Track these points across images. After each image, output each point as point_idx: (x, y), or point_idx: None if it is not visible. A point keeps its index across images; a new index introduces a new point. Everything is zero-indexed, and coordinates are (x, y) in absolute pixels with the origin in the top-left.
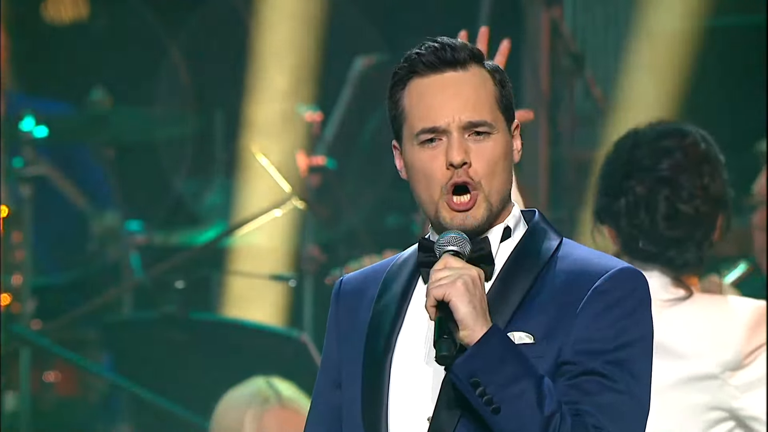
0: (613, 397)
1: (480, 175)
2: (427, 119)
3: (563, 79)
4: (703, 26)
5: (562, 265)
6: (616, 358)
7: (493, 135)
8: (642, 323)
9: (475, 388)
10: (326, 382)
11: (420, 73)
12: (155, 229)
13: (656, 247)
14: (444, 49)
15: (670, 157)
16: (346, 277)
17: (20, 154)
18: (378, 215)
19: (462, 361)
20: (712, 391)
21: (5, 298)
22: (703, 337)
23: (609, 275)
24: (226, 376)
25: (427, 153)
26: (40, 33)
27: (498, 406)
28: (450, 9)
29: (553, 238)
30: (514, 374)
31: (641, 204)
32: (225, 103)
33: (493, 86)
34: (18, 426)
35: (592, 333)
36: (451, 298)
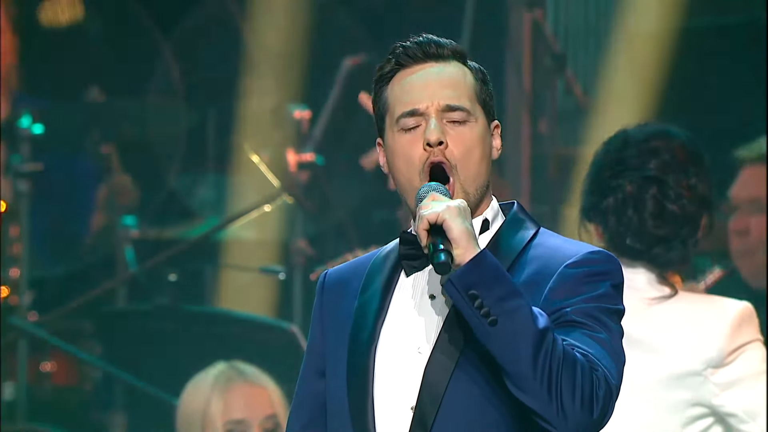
0: (592, 335)
1: (456, 158)
2: (407, 103)
3: (545, 78)
4: (678, 28)
5: (536, 251)
6: (587, 311)
7: (469, 123)
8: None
9: (473, 300)
10: (310, 370)
11: (404, 65)
12: (149, 223)
13: (643, 244)
14: (428, 43)
15: (658, 158)
16: (331, 270)
17: (18, 151)
18: (364, 210)
19: (460, 273)
20: (694, 388)
21: (3, 290)
22: (688, 335)
23: (582, 255)
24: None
25: (407, 137)
26: (38, 34)
27: (495, 318)
28: (435, 11)
29: (530, 228)
30: (510, 291)
31: (629, 202)
32: (217, 101)
33: (473, 80)
34: (15, 414)
35: (564, 295)
36: (445, 218)
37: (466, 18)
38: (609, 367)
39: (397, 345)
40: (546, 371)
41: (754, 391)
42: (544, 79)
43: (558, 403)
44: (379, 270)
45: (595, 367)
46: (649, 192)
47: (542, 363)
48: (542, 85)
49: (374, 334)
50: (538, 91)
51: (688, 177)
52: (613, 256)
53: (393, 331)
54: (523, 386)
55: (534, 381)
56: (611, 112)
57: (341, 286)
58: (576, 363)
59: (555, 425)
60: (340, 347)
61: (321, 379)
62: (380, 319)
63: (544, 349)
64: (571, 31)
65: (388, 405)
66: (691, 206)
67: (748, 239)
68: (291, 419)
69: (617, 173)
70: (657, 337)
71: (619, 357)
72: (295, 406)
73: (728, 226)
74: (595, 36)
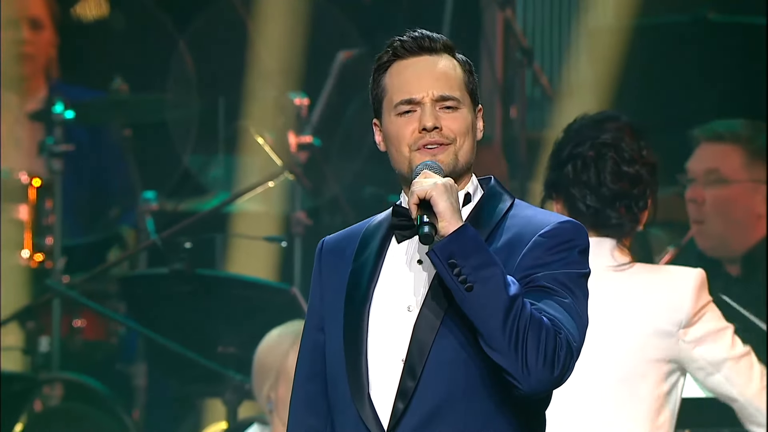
0: (558, 300)
1: (450, 137)
2: (405, 92)
3: (515, 70)
4: (633, 25)
5: (512, 221)
6: (555, 277)
7: (459, 109)
8: (579, 262)
9: (452, 268)
10: (311, 326)
11: (401, 56)
12: (166, 197)
13: (600, 203)
14: (423, 37)
15: (612, 131)
16: (327, 237)
17: (52, 134)
18: (356, 186)
19: (442, 244)
20: (668, 347)
21: (39, 256)
22: (657, 300)
23: (552, 225)
24: (227, 322)
25: (403, 120)
26: (69, 30)
27: (471, 284)
28: (418, 11)
29: (506, 200)
30: (485, 261)
31: (590, 164)
32: (226, 90)
33: (461, 72)
34: (50, 364)
35: (535, 261)
36: (432, 194)
37: (445, 16)
38: (572, 330)
39: (388, 304)
40: (514, 333)
41: (717, 345)
42: (515, 70)
43: (523, 361)
44: (371, 237)
45: (558, 330)
46: (608, 154)
47: (511, 325)
48: (513, 75)
49: (368, 295)
50: (509, 81)
51: (639, 146)
52: (580, 225)
53: (385, 291)
54: (493, 345)
55: (503, 341)
56: (574, 99)
57: (337, 252)
58: (541, 326)
59: (520, 381)
60: (337, 306)
61: (320, 333)
62: (373, 281)
63: (513, 313)
64: (538, 28)
65: (381, 357)
66: (642, 170)
67: (704, 208)
68: (298, 368)
69: (577, 144)
70: (628, 301)
71: (581, 320)
72: (300, 357)
73: (685, 195)
74: (559, 32)
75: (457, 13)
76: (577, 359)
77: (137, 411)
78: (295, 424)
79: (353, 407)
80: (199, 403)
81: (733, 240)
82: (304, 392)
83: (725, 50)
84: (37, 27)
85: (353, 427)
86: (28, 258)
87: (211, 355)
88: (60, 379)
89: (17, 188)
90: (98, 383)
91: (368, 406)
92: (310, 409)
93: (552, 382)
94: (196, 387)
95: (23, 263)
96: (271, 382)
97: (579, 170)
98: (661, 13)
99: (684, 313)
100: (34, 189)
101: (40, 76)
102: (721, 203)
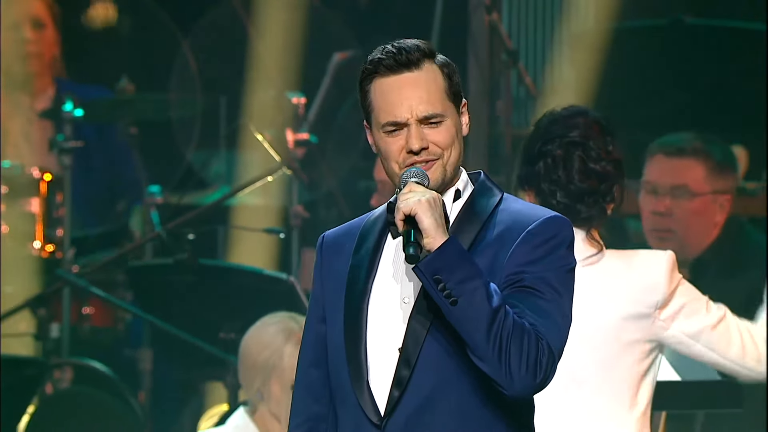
0: (542, 303)
1: (440, 150)
2: (390, 114)
3: (501, 70)
4: (612, 28)
5: (502, 216)
6: (542, 277)
7: (444, 122)
8: (565, 257)
9: (437, 284)
10: (313, 317)
11: (381, 73)
12: (171, 191)
13: (569, 199)
14: (400, 53)
15: (580, 129)
16: (327, 232)
17: (62, 131)
18: (350, 181)
19: (426, 261)
20: (646, 328)
21: (50, 247)
22: (632, 283)
23: (540, 220)
24: (228, 310)
25: (391, 139)
26: (79, 33)
27: (456, 298)
28: (410, 14)
29: (496, 195)
30: (469, 274)
31: (559, 163)
32: (227, 89)
33: (442, 80)
34: (61, 349)
35: (524, 259)
36: (417, 211)
37: (435, 21)
38: (554, 334)
39: (386, 297)
40: (497, 342)
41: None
42: (500, 70)
43: (507, 368)
44: (369, 233)
45: (540, 336)
46: (576, 153)
47: (494, 335)
48: (498, 75)
49: (366, 288)
50: (495, 81)
51: (606, 143)
52: (566, 219)
53: (382, 285)
54: (479, 354)
55: (487, 350)
56: (556, 99)
57: (337, 247)
58: (524, 334)
59: (504, 386)
60: (337, 298)
61: (322, 324)
62: (371, 275)
63: (496, 323)
64: (523, 31)
65: (379, 347)
66: (608, 167)
67: (670, 220)
68: (301, 356)
69: (546, 141)
70: (602, 288)
71: (565, 318)
72: (303, 345)
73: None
74: (543, 35)
75: (446, 17)
76: (560, 360)
77: (143, 394)
78: (298, 410)
79: (353, 395)
80: (202, 387)
81: (690, 247)
82: (307, 379)
83: (701, 52)
84: (39, 26)
85: (353, 413)
86: (39, 249)
87: (213, 341)
88: (70, 364)
89: (29, 182)
90: (106, 367)
91: (367, 393)
92: (312, 395)
93: (535, 387)
94: (199, 371)
95: (35, 254)
96: (262, 378)
97: (549, 168)
98: (640, 16)
99: (659, 294)
100: (45, 183)
101: (47, 75)
102: (688, 215)
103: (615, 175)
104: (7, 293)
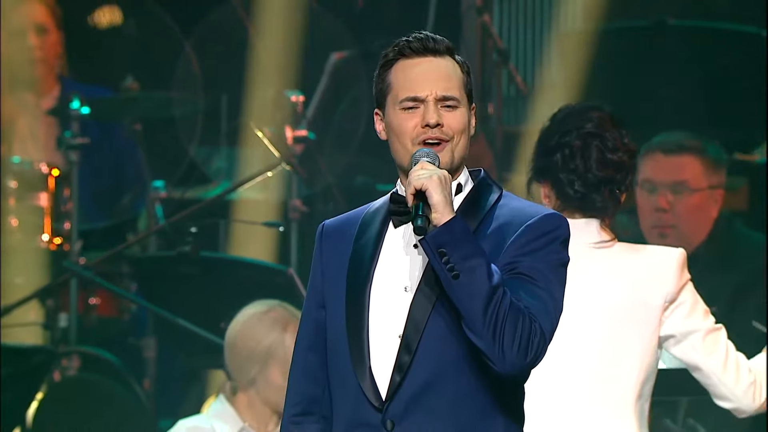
0: (535, 289)
1: (449, 134)
2: (411, 90)
3: (492, 70)
4: (599, 29)
5: (501, 211)
6: (536, 266)
7: (459, 108)
8: (559, 252)
9: (442, 257)
10: (312, 303)
11: (407, 55)
12: (174, 186)
13: (586, 188)
14: (428, 39)
15: (594, 120)
16: (327, 222)
17: (69, 128)
18: (347, 175)
19: (433, 235)
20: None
21: (58, 240)
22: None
23: (539, 216)
24: (229, 300)
25: (406, 115)
26: (86, 35)
27: (458, 273)
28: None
29: (496, 191)
30: (472, 251)
31: (576, 152)
32: (229, 88)
33: (461, 73)
34: (68, 338)
35: (520, 250)
36: (428, 187)
37: (428, 22)
38: (546, 319)
39: (387, 285)
40: (493, 319)
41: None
42: (492, 70)
43: (500, 345)
44: (371, 222)
45: (534, 318)
46: (593, 143)
47: (491, 312)
48: (490, 74)
49: (368, 276)
50: (486, 80)
51: (621, 135)
52: (563, 216)
53: (384, 273)
54: (474, 329)
55: (482, 326)
56: (546, 97)
57: (338, 235)
58: (519, 314)
59: (495, 363)
60: (338, 286)
61: (321, 310)
62: (373, 263)
63: (494, 301)
64: (513, 31)
65: (380, 333)
66: (624, 157)
67: (672, 216)
68: (298, 341)
69: (564, 133)
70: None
71: (557, 306)
72: (301, 330)
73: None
74: (533, 36)
75: (439, 18)
76: (549, 344)
77: (147, 381)
78: (294, 391)
79: (355, 379)
80: (204, 374)
81: (689, 242)
82: (305, 363)
83: (683, 52)
84: (42, 32)
85: (354, 397)
86: (47, 241)
87: (215, 330)
88: (77, 352)
89: (38, 178)
90: (112, 356)
91: (369, 378)
92: (309, 378)
93: (524, 366)
94: (201, 359)
95: (43, 246)
96: (261, 365)
97: (567, 158)
98: (625, 18)
99: (667, 289)
100: (53, 179)
101: (52, 76)
102: (689, 210)
103: (630, 165)
104: (17, 284)
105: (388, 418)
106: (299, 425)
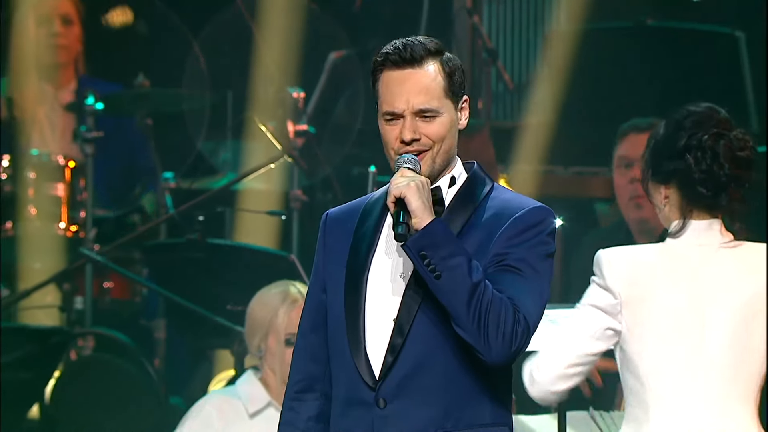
0: (521, 280)
1: (431, 142)
2: (389, 105)
3: (481, 68)
4: (583, 29)
5: (492, 203)
6: (523, 257)
7: (438, 117)
8: (546, 243)
9: (423, 259)
10: (315, 286)
11: (388, 66)
12: (183, 177)
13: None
14: (405, 50)
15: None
16: (331, 210)
17: (84, 122)
18: (345, 167)
19: (414, 239)
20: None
21: (74, 227)
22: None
23: (528, 208)
24: (234, 284)
25: (389, 127)
26: (100, 33)
27: (439, 273)
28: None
29: (487, 184)
30: (452, 251)
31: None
32: (234, 85)
33: (442, 79)
34: (84, 320)
35: (509, 241)
36: (406, 194)
37: (421, 23)
38: (530, 308)
39: (384, 272)
40: (476, 314)
41: None
42: (481, 68)
43: (485, 337)
44: (370, 212)
45: (517, 308)
46: (722, 143)
47: (474, 307)
48: (480, 72)
49: (366, 263)
50: (476, 77)
51: (743, 134)
52: (550, 209)
53: (381, 261)
54: (460, 324)
55: (467, 321)
56: (532, 93)
57: (340, 224)
58: (501, 306)
59: (483, 354)
60: (339, 272)
61: (323, 294)
62: (371, 251)
63: (476, 296)
64: (502, 31)
65: (376, 317)
66: (750, 154)
67: None
68: (302, 321)
69: (692, 135)
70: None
71: (542, 296)
72: (304, 312)
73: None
74: (520, 35)
75: (431, 19)
76: (534, 333)
77: (158, 360)
78: (297, 369)
79: (351, 359)
80: (211, 354)
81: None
82: (307, 342)
83: (661, 51)
84: (67, 22)
85: (350, 376)
86: (64, 229)
87: (221, 313)
88: (92, 333)
89: (55, 169)
90: (124, 336)
91: (364, 358)
92: (311, 357)
93: (510, 355)
94: (209, 340)
95: (60, 233)
96: (261, 334)
97: (699, 159)
98: (607, 19)
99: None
100: (69, 170)
101: (71, 68)
102: None
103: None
104: (36, 269)
105: (381, 396)
106: (300, 401)
